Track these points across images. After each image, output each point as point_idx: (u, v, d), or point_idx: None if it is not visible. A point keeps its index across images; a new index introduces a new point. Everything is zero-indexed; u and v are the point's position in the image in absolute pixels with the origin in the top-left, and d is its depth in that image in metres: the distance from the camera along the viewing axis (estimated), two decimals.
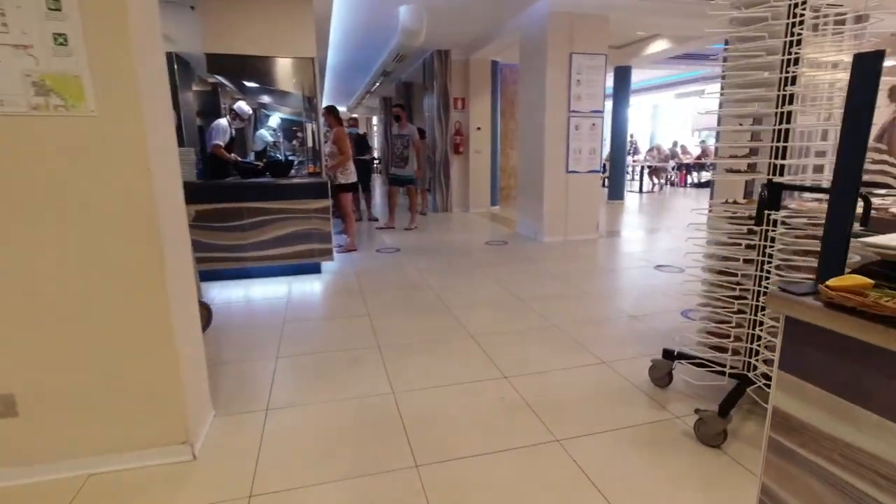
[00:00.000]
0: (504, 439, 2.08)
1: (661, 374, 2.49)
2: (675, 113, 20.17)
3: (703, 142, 14.72)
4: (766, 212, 1.99)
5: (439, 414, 2.29)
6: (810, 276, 1.94)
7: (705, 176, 14.22)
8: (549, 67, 5.81)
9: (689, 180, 14.51)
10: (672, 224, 7.58)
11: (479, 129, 9.02)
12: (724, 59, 2.23)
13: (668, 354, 2.46)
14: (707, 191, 13.15)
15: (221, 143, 5.04)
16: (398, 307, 3.77)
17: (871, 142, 3.96)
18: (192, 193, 4.16)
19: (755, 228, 2.07)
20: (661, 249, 5.72)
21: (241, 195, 4.34)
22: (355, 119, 8.26)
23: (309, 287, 4.37)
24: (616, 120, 9.90)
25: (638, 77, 11.20)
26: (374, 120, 21.79)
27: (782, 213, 2.01)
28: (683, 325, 3.27)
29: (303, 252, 4.59)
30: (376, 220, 8.03)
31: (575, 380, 2.62)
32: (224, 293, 4.18)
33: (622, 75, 9.53)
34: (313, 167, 5.29)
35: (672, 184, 14.20)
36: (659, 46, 8.37)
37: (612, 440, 2.07)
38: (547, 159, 6.04)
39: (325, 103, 7.39)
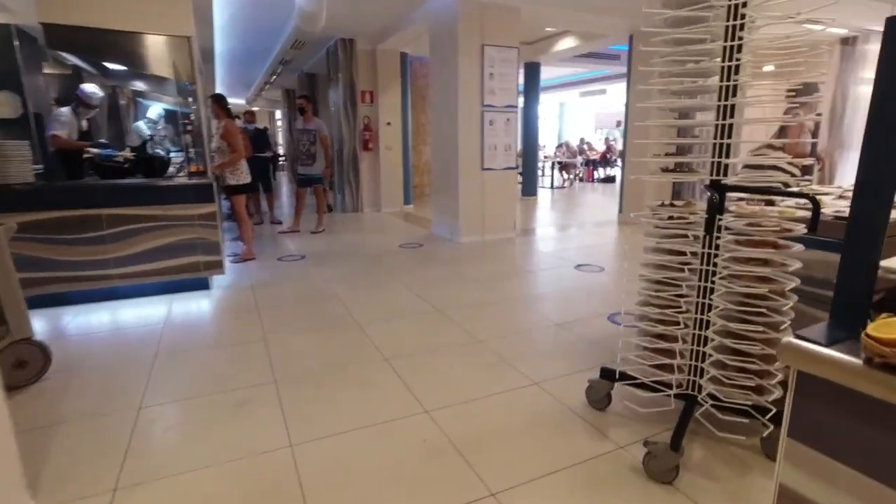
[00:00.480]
0: (430, 500, 1.70)
1: (600, 395, 2.24)
2: (580, 111, 21.00)
3: (608, 138, 15.40)
4: (717, 216, 1.78)
5: (349, 469, 1.86)
6: (751, 285, 1.76)
7: (611, 172, 14.85)
8: (460, 59, 5.51)
9: (596, 175, 15.08)
10: (586, 219, 7.65)
11: (389, 124, 8.56)
12: (630, 58, 1.99)
13: (608, 374, 2.22)
14: (613, 186, 13.75)
15: (61, 135, 4.13)
16: (301, 326, 3.25)
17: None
18: (21, 198, 3.36)
19: (699, 235, 1.86)
20: (578, 247, 5.65)
21: (98, 200, 3.56)
22: (252, 114, 7.42)
23: (193, 307, 3.70)
24: (527, 116, 9.90)
25: (546, 75, 11.32)
26: (278, 114, 20.47)
27: (728, 217, 1.81)
28: (613, 333, 3.09)
29: (185, 266, 3.89)
30: (280, 223, 7.32)
31: (505, 407, 2.30)
32: (80, 321, 3.40)
33: (532, 72, 9.53)
34: (197, 166, 4.55)
35: (581, 179, 14.67)
36: (567, 43, 8.42)
37: (553, 486, 1.76)
38: (461, 156, 5.75)
39: (218, 92, 6.56)
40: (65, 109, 4.26)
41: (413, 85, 9.40)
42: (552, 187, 12.90)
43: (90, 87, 4.41)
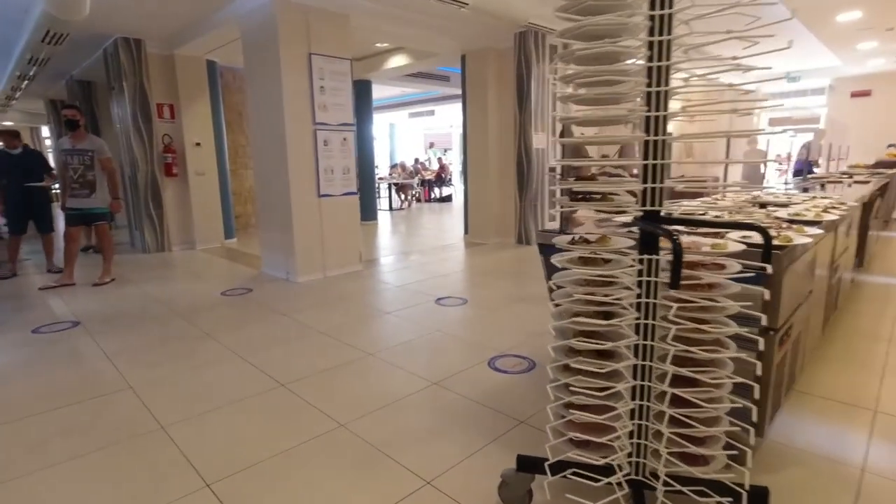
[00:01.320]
0: None
1: (519, 493, 1.69)
2: (410, 131, 21.23)
3: (440, 158, 15.61)
4: (650, 256, 1.37)
5: None
6: (706, 347, 1.40)
7: (446, 191, 15.06)
8: (284, 70, 4.68)
9: (433, 195, 15.16)
10: (433, 243, 7.30)
11: (198, 144, 7.19)
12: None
13: (527, 465, 1.68)
14: (449, 205, 13.92)
15: None
16: (62, 451, 2.10)
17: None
18: None
19: (634, 279, 1.43)
20: (432, 276, 5.19)
21: None
22: (12, 134, 5.46)
23: None
24: (361, 136, 9.30)
25: (377, 94, 10.92)
26: (45, 131, 16.56)
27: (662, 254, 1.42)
28: (502, 385, 2.61)
29: None
30: (60, 271, 5.42)
31: None
32: None
33: (363, 89, 9.00)
34: None
35: (418, 200, 14.57)
36: (398, 61, 8.09)
37: None
38: (293, 182, 4.88)
39: None
40: None
41: (226, 99, 8.12)
42: (391, 209, 12.51)
43: None
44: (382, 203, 12.84)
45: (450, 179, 15.66)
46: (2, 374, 2.90)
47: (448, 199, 14.87)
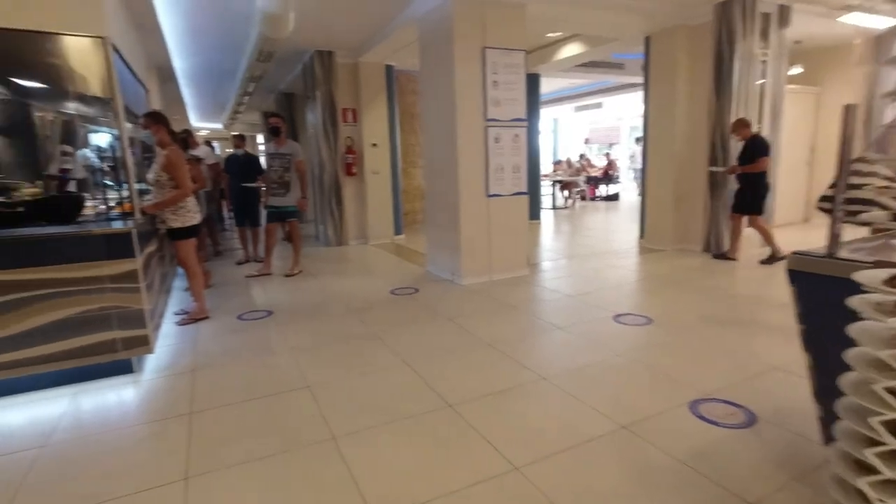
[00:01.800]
0: None
1: None
2: (575, 126, 20.30)
3: (607, 154, 14.56)
4: None
5: None
6: None
7: (613, 188, 13.99)
8: (457, 66, 4.57)
9: (598, 193, 14.21)
10: (603, 247, 6.67)
11: (375, 145, 7.60)
12: None
13: None
14: (617, 203, 12.88)
15: None
16: (247, 452, 2.18)
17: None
18: None
19: None
20: (607, 287, 4.65)
21: None
22: (241, 137, 6.39)
23: (99, 408, 2.62)
24: (528, 132, 8.99)
25: (542, 89, 10.49)
26: (260, 138, 19.52)
27: None
28: (710, 441, 2.07)
29: (96, 346, 2.83)
30: (258, 260, 6.20)
31: None
32: None
33: (532, 83, 8.60)
34: (128, 205, 3.51)
35: (583, 198, 13.78)
36: (571, 51, 7.57)
37: None
38: (462, 181, 4.76)
39: (194, 121, 5.56)
40: None
41: (400, 101, 8.48)
42: (553, 208, 11.99)
43: None
44: (545, 201, 12.38)
45: (617, 176, 14.49)
46: (218, 361, 3.23)
47: (615, 197, 13.77)
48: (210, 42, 6.38)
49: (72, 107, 4.41)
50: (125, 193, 3.60)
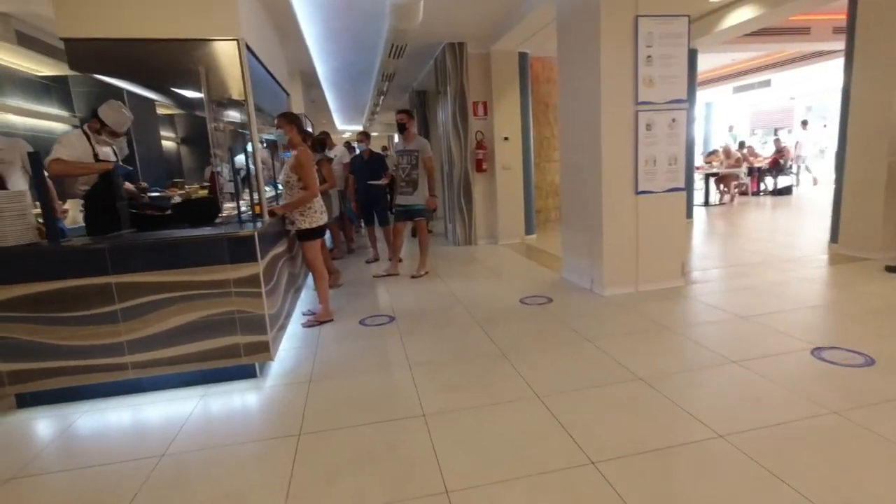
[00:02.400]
0: None
1: None
2: (732, 110, 17.78)
3: (778, 140, 12.30)
4: None
5: None
6: None
7: (783, 181, 11.83)
8: (604, 40, 3.92)
9: (763, 187, 12.15)
10: (777, 252, 5.45)
11: (506, 139, 7.17)
12: None
13: None
14: (788, 198, 10.85)
15: (65, 157, 3.14)
16: (348, 486, 1.90)
17: None
18: (5, 265, 2.51)
19: None
20: (794, 307, 3.66)
21: (103, 263, 2.61)
22: (364, 134, 6.38)
23: (216, 417, 2.57)
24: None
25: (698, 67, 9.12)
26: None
27: None
28: None
29: (221, 350, 2.82)
30: (400, 260, 6.12)
31: None
32: (73, 425, 2.43)
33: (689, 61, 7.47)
34: (257, 207, 3.54)
35: (743, 193, 11.88)
36: (741, 16, 6.34)
37: None
38: (606, 175, 4.11)
39: (339, 124, 5.68)
40: (74, 133, 3.33)
41: (534, 91, 7.92)
42: (706, 204, 10.47)
43: (114, 109, 3.44)
44: (696, 197, 10.87)
45: (790, 167, 12.21)
46: (335, 371, 3.08)
47: (785, 191, 11.62)
48: (346, 43, 6.48)
49: (230, 114, 4.69)
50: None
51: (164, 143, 8.75)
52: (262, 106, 4.63)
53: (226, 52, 3.22)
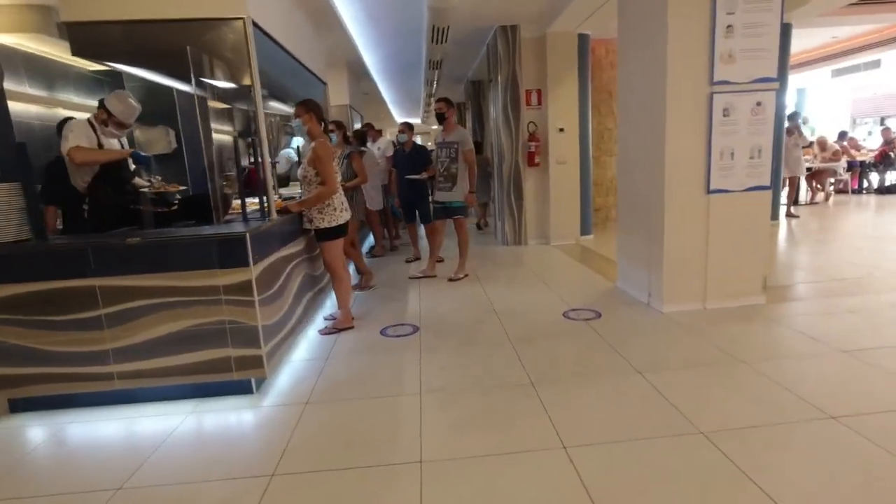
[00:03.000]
0: None
1: None
2: (830, 97, 15.82)
3: (887, 128, 10.62)
4: None
5: None
6: None
7: (892, 177, 10.25)
8: (672, 9, 3.27)
9: (864, 184, 10.61)
10: (892, 265, 4.51)
11: (561, 130, 6.54)
12: None
13: None
14: (893, 199, 9.37)
15: (85, 146, 2.96)
16: None
17: None
18: None
19: None
20: None
21: (88, 265, 2.39)
22: (407, 125, 5.95)
23: (191, 443, 2.28)
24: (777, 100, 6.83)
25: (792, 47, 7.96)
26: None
27: None
28: None
29: (211, 363, 2.54)
30: (440, 260, 5.76)
31: None
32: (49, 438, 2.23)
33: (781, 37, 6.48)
34: (278, 203, 3.25)
35: (840, 190, 10.44)
36: None
37: None
38: (670, 170, 3.46)
39: (397, 117, 5.37)
40: (79, 122, 3.09)
41: (595, 77, 7.22)
42: (795, 203, 9.22)
43: (121, 99, 3.18)
44: (782, 194, 9.62)
45: None
46: (335, 391, 2.74)
47: (893, 189, 10.06)
48: (388, 30, 6.12)
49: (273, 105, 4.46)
50: (283, 192, 3.36)
51: (220, 136, 8.85)
52: (293, 95, 4.38)
53: (240, 34, 2.93)
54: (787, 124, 7.39)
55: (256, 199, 3.11)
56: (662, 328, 3.32)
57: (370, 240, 7.00)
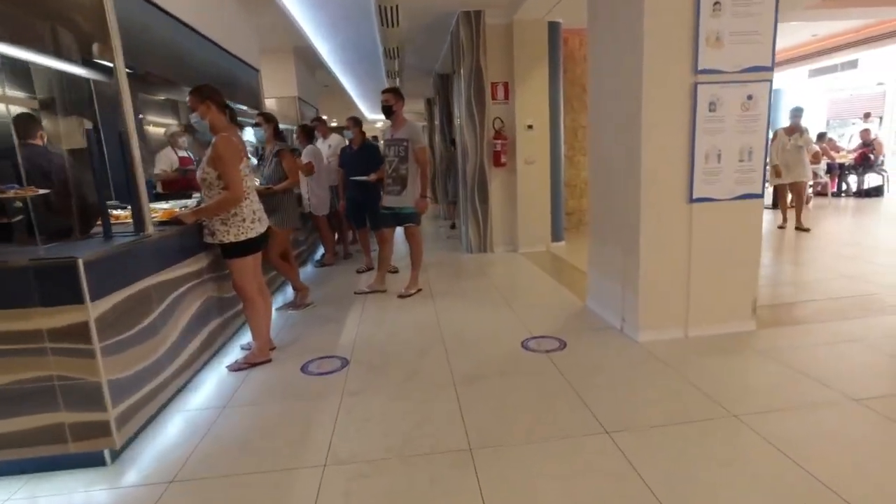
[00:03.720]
0: None
1: None
2: (805, 98, 15.66)
3: (866, 130, 10.39)
4: None
5: None
6: None
7: (873, 180, 10.01)
8: None
9: (843, 187, 10.36)
10: (884, 279, 4.06)
11: (530, 127, 5.99)
12: None
13: None
14: (878, 201, 9.12)
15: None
16: None
17: None
18: None
19: None
20: None
21: None
22: (354, 119, 5.31)
23: None
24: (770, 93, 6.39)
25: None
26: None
27: None
28: None
29: (30, 434, 1.88)
30: (394, 270, 5.17)
31: None
32: None
33: None
34: (167, 212, 2.59)
35: (820, 194, 10.16)
36: None
37: None
38: (646, 174, 2.92)
39: (367, 114, 4.73)
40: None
41: (569, 72, 6.69)
42: (774, 207, 8.87)
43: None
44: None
45: (882, 162, 10.33)
46: (215, 457, 2.12)
47: (875, 192, 9.83)
48: (338, 11, 5.46)
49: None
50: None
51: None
52: (210, 81, 3.70)
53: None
54: (784, 125, 6.95)
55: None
56: (637, 364, 2.77)
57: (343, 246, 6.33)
